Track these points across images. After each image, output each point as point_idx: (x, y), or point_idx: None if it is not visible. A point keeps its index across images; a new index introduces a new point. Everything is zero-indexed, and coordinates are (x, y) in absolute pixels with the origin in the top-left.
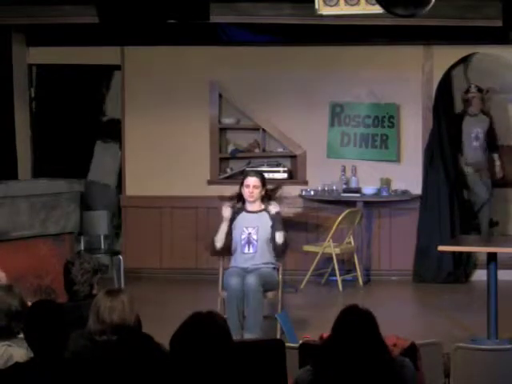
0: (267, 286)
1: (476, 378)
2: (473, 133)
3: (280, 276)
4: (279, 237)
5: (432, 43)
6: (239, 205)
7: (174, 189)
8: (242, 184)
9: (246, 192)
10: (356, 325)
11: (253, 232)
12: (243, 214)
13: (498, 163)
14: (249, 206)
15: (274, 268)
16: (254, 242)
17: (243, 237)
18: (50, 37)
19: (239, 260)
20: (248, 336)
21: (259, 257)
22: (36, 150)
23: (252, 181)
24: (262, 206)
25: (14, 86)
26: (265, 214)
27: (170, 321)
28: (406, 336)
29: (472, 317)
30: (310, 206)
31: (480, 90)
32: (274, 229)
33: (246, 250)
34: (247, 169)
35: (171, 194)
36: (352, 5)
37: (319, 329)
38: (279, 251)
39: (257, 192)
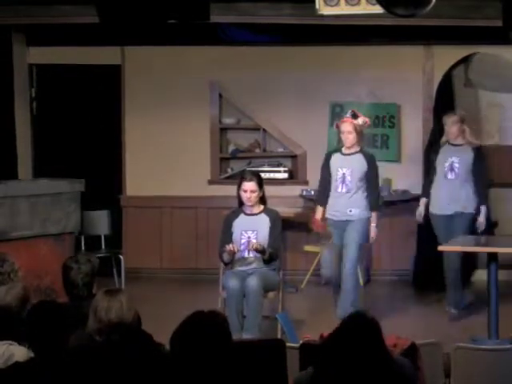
0: (268, 286)
1: (476, 378)
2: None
3: (280, 275)
4: (266, 255)
5: (432, 43)
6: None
7: (175, 189)
8: (239, 187)
9: (243, 196)
10: (360, 333)
11: (252, 236)
12: (242, 217)
13: (481, 219)
14: (247, 209)
15: (275, 269)
16: None
17: (243, 241)
18: (51, 37)
19: (240, 264)
20: (246, 336)
21: (260, 261)
22: (36, 149)
23: (249, 186)
24: (261, 208)
25: (14, 86)
26: (264, 216)
27: (170, 321)
28: (406, 336)
29: (472, 317)
30: (311, 206)
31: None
32: (269, 237)
33: (247, 255)
34: (247, 169)
35: (171, 194)
36: (353, 5)
37: (319, 329)
38: (266, 260)
39: (254, 196)
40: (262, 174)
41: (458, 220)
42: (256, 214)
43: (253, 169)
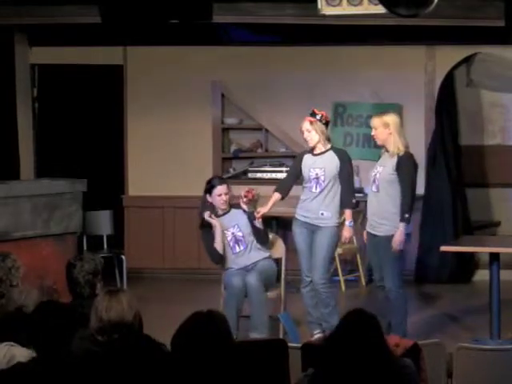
0: (268, 278)
1: (478, 378)
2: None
3: (282, 276)
4: (259, 223)
5: (434, 43)
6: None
7: (177, 189)
8: (209, 194)
9: (218, 200)
10: (360, 329)
11: (236, 231)
12: (219, 218)
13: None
14: (219, 210)
15: (270, 258)
16: (241, 239)
17: (229, 238)
18: (53, 37)
19: (234, 261)
20: (254, 335)
21: (251, 250)
22: (38, 149)
23: (223, 188)
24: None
25: (16, 86)
26: (236, 211)
27: (173, 321)
28: (408, 336)
29: (474, 317)
30: None
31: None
32: (250, 220)
33: (237, 249)
34: (250, 169)
35: (173, 194)
36: (355, 5)
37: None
38: (263, 237)
39: (227, 198)
40: (264, 174)
41: (382, 245)
42: (229, 211)
43: (255, 168)
